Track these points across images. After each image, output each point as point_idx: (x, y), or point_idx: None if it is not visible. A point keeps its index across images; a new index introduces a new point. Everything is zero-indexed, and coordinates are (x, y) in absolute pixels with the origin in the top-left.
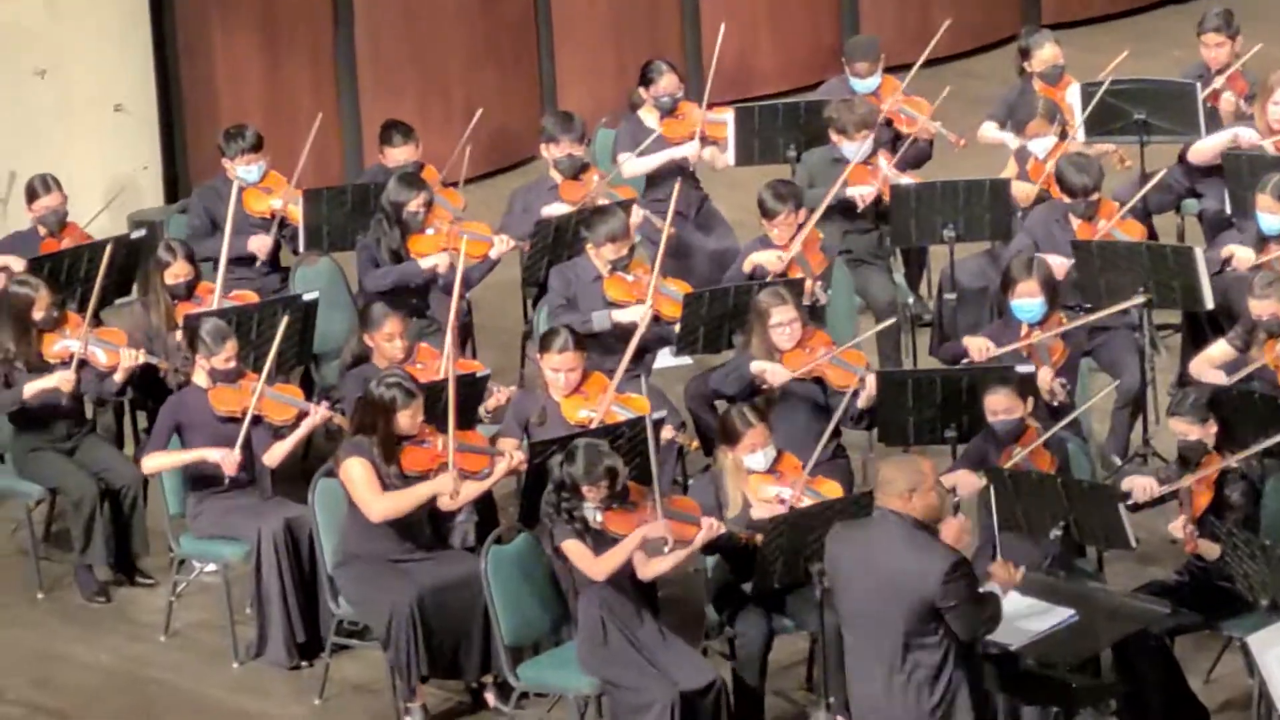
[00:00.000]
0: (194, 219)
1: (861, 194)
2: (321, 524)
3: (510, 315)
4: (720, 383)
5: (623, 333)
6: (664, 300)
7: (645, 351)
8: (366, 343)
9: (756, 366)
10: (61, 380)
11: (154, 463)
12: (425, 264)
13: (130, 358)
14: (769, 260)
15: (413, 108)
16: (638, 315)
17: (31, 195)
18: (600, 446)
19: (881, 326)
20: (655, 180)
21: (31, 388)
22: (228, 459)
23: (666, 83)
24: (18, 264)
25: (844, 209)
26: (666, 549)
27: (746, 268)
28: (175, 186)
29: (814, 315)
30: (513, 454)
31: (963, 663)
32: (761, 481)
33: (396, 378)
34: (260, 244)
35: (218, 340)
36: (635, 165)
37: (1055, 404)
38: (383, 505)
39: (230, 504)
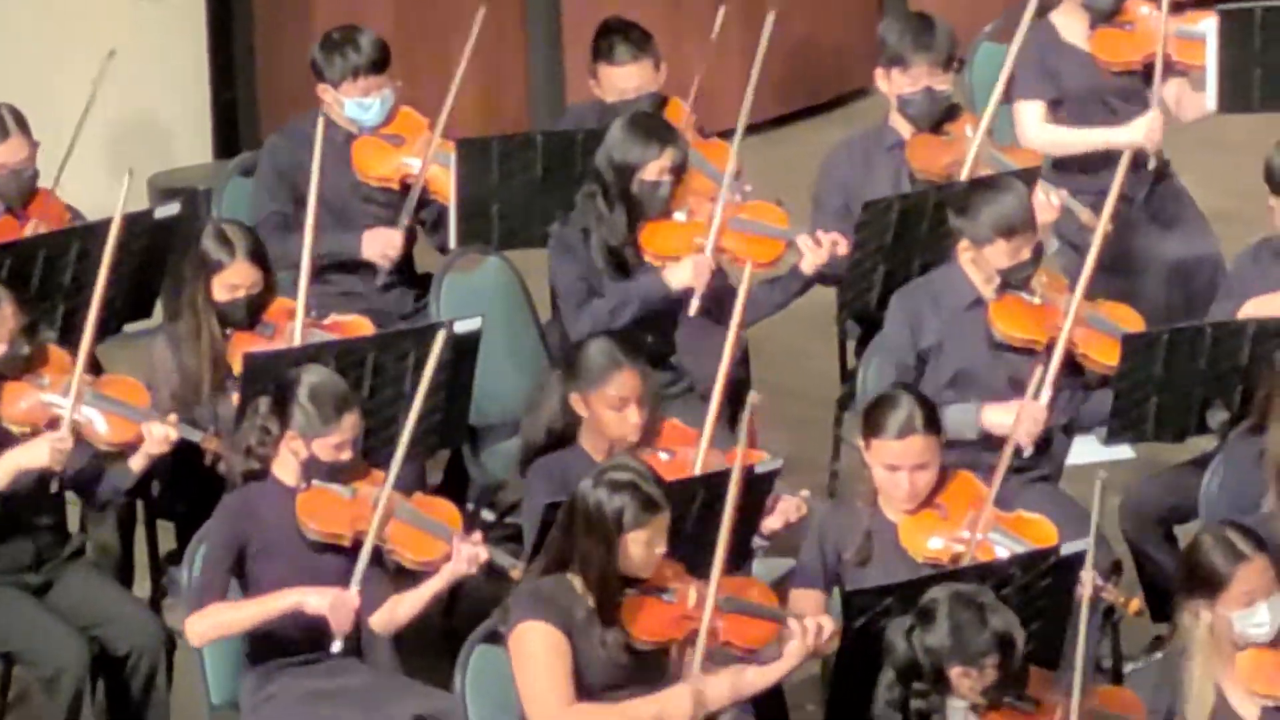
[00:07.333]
0: (263, 187)
1: None
2: None
3: (814, 369)
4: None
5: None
6: (1093, 340)
7: (1052, 438)
8: (574, 409)
9: None
10: (51, 451)
11: (207, 622)
12: (675, 279)
13: (159, 435)
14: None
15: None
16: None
17: None
18: (979, 597)
19: None
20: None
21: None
22: (339, 606)
23: None
24: None
25: None
26: None
27: (1244, 313)
28: (233, 129)
29: None
30: (818, 623)
31: None
32: (1258, 664)
33: (630, 473)
34: (384, 246)
35: (328, 409)
36: (1042, 133)
37: None
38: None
39: (319, 687)
